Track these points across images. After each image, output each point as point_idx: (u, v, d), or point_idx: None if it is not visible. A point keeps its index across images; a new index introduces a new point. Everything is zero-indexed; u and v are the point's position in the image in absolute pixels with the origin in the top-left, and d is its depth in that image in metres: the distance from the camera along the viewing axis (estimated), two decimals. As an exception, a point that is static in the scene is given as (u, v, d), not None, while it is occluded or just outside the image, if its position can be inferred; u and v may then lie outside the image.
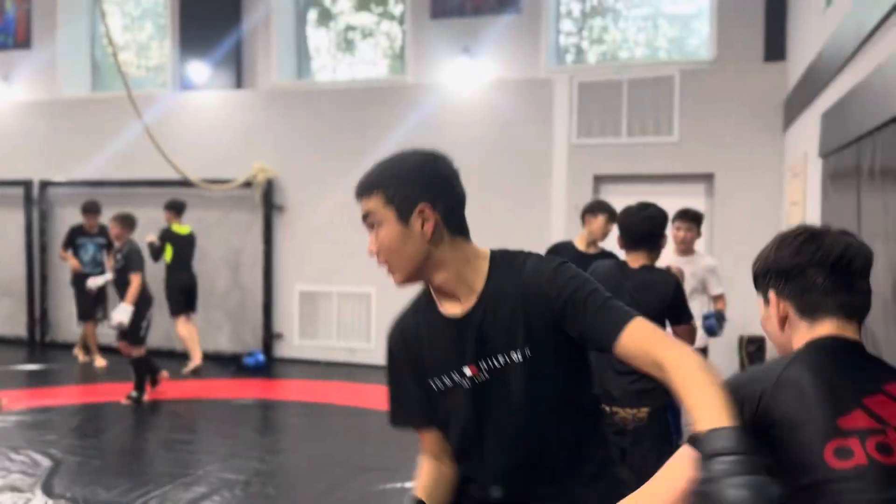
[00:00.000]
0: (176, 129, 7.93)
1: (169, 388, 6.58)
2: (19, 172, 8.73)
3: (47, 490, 4.10)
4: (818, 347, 1.29)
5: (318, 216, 7.82)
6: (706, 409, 1.15)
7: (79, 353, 7.84)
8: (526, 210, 7.16)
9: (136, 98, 6.29)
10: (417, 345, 1.57)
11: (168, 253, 7.09)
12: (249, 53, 8.18)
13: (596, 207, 4.33)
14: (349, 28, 8.73)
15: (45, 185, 8.63)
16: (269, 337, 7.93)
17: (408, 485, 4.24)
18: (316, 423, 5.71)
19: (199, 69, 8.05)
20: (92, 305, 7.46)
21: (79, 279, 7.33)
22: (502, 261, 1.53)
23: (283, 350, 8.01)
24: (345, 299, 7.79)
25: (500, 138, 7.26)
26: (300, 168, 7.92)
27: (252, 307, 7.99)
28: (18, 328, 8.75)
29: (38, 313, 8.73)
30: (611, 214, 4.19)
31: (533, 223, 7.07)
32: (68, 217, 8.57)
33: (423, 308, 1.58)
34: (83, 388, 6.79)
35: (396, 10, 8.30)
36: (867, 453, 1.14)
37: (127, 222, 6.12)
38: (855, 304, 1.34)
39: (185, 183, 7.40)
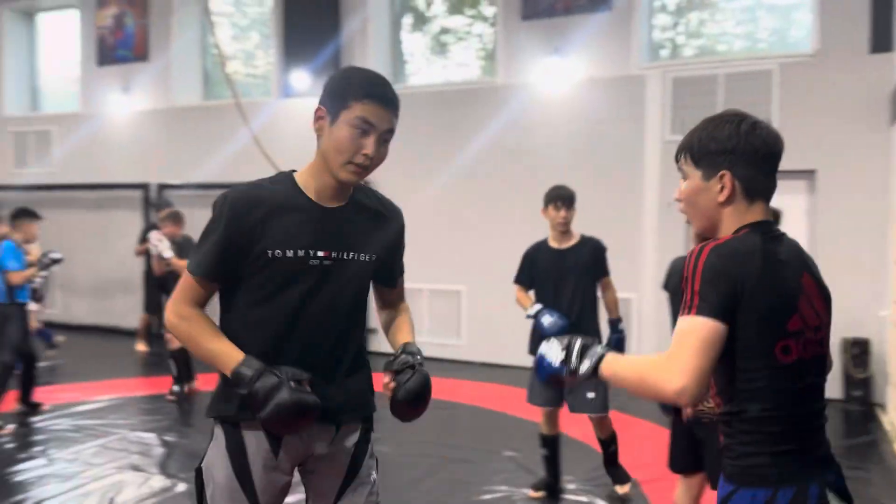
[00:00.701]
0: (280, 135, 8.35)
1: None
2: (138, 176, 9.44)
3: (164, 470, 4.48)
4: (765, 232, 1.53)
5: (411, 215, 8.00)
6: None
7: (140, 345, 8.30)
8: (618, 208, 7.13)
9: (243, 105, 6.67)
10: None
11: None
12: (347, 60, 8.51)
13: None
14: (443, 31, 8.93)
15: (161, 187, 9.28)
16: (365, 331, 8.23)
17: (495, 479, 4.38)
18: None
19: (300, 77, 8.45)
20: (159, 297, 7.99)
21: (150, 273, 7.81)
22: None
23: (377, 344, 8.29)
24: (436, 296, 8.00)
25: (590, 137, 7.27)
26: (395, 169, 8.11)
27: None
28: (136, 321, 9.46)
29: (154, 307, 9.38)
30: None
31: (625, 221, 7.04)
32: (186, 218, 9.19)
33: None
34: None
35: (489, 12, 8.42)
36: (799, 351, 1.49)
37: (178, 219, 6.48)
38: (773, 191, 1.59)
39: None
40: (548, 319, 3.78)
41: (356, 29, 8.40)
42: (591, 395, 3.86)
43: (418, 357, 1.89)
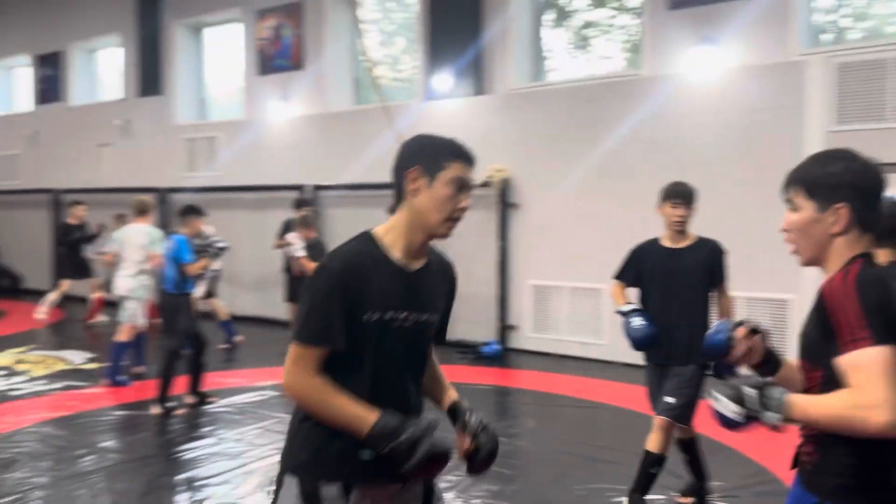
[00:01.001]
0: (422, 135, 8.60)
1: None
2: (294, 178, 10.05)
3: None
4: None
5: (550, 213, 8.04)
6: None
7: None
8: (774, 204, 6.71)
9: (389, 109, 6.93)
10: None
11: None
12: (488, 61, 8.61)
13: None
14: (585, 25, 8.82)
15: (316, 188, 9.82)
16: (504, 328, 8.32)
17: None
18: (548, 413, 5.92)
19: (443, 79, 8.65)
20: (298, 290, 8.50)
21: (288, 267, 8.29)
22: None
23: (518, 341, 8.35)
24: (577, 294, 7.92)
25: (744, 128, 6.90)
26: (533, 167, 8.19)
27: (487, 300, 8.43)
28: (282, 312, 10.08)
29: (295, 298, 9.94)
30: None
31: (783, 218, 6.63)
32: (336, 217, 9.72)
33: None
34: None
35: (634, 3, 8.21)
36: None
37: (308, 223, 6.92)
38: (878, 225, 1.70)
39: (430, 184, 8.01)
40: (637, 322, 3.59)
41: (498, 29, 8.48)
42: (670, 400, 3.67)
43: (481, 415, 2.00)
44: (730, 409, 1.63)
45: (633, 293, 3.90)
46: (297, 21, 10.14)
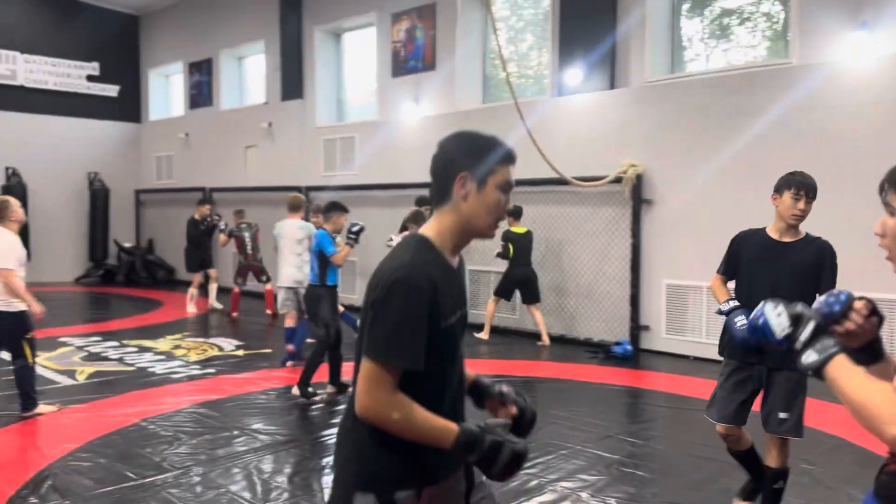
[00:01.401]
0: (553, 132, 8.56)
1: (538, 367, 7.23)
2: (425, 176, 10.25)
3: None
4: None
5: (687, 209, 7.76)
6: None
7: None
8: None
9: (520, 105, 6.94)
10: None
11: (510, 250, 8.23)
12: (623, 54, 8.43)
13: None
14: (724, 13, 8.44)
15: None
16: (637, 328, 8.12)
17: (787, 492, 4.08)
18: (683, 416, 5.73)
19: (574, 74, 8.56)
20: None
21: None
22: None
23: (650, 342, 8.13)
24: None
25: (905, 119, 6.37)
26: (668, 161, 7.93)
27: (619, 299, 8.26)
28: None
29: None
30: None
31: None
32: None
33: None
34: (468, 361, 7.77)
35: (778, -12, 7.76)
36: None
37: (418, 220, 6.72)
38: None
39: (559, 181, 7.97)
40: (741, 321, 3.23)
41: (634, 20, 8.27)
42: (783, 415, 3.38)
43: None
44: (781, 323, 1.52)
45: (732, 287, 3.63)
46: (430, 23, 10.35)
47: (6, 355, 5.45)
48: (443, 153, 1.88)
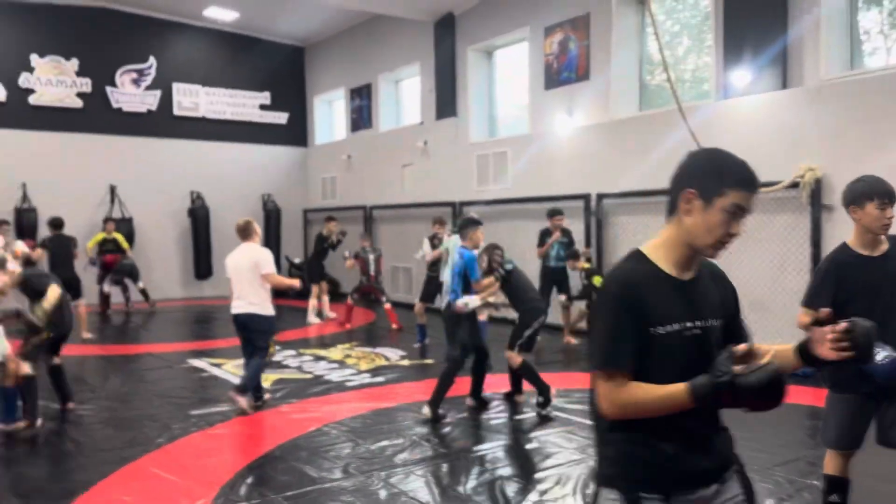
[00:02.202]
0: (717, 137, 8.18)
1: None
2: (579, 188, 10.20)
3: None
4: None
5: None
6: None
7: (568, 337, 9.51)
8: None
9: (683, 110, 6.71)
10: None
11: None
12: (796, 51, 7.94)
13: None
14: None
15: (600, 197, 9.87)
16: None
17: None
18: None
19: (741, 75, 8.17)
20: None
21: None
22: None
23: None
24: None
25: None
26: (850, 164, 7.33)
27: (797, 312, 7.71)
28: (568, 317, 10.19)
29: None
30: None
31: None
32: (620, 224, 9.67)
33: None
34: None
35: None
36: None
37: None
38: None
39: (728, 188, 7.60)
40: (882, 354, 2.83)
41: (808, 15, 7.77)
42: None
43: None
44: None
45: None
46: (584, 33, 10.29)
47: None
48: (683, 165, 1.92)
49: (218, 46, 16.33)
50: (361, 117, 15.49)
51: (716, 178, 1.84)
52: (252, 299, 6.17)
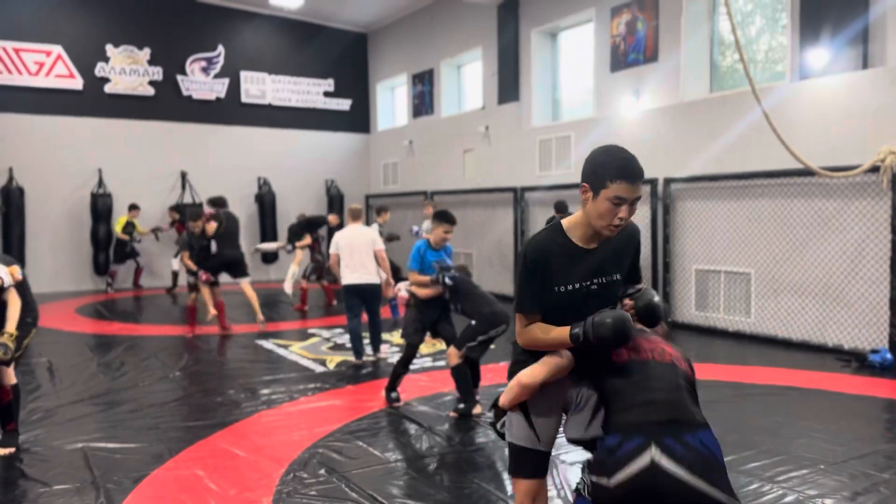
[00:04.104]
0: (792, 119, 7.91)
1: (781, 375, 6.69)
2: (647, 172, 9.96)
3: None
4: None
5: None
6: None
7: None
8: None
9: (757, 91, 6.48)
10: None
11: None
12: (879, 30, 7.56)
13: None
14: None
15: (668, 181, 9.65)
16: (898, 335, 7.24)
17: None
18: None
19: (819, 55, 7.84)
20: None
21: None
22: None
23: None
24: None
25: None
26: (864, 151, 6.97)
27: (877, 302, 7.41)
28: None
29: (661, 295, 9.84)
30: None
31: None
32: (688, 209, 9.45)
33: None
34: (703, 366, 7.39)
35: None
36: None
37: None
38: None
39: (803, 172, 7.34)
40: None
41: (892, -7, 7.39)
42: None
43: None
44: None
45: None
46: (653, 13, 10.03)
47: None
48: (585, 162, 2.38)
49: (283, 34, 16.60)
50: (423, 103, 15.53)
51: (601, 172, 2.28)
52: (371, 269, 7.31)
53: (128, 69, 14.94)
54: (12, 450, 4.77)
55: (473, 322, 5.60)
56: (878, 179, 7.23)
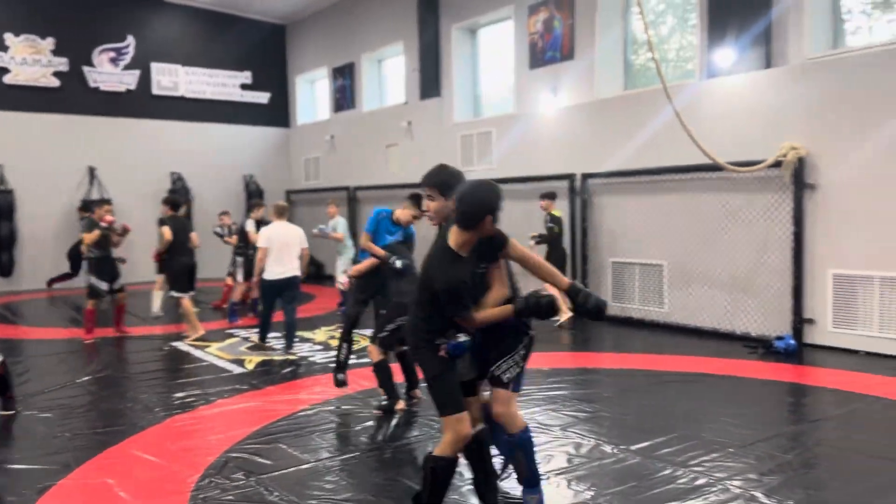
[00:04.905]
0: (701, 116, 8.21)
1: (694, 363, 6.96)
2: (564, 168, 10.18)
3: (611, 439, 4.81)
4: None
5: (855, 194, 7.19)
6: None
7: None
8: None
9: (668, 89, 6.68)
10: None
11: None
12: (780, 30, 7.93)
13: None
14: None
15: (585, 177, 9.86)
16: (800, 322, 7.63)
17: None
18: (858, 415, 5.30)
19: (726, 55, 8.16)
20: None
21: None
22: None
23: (815, 337, 7.61)
24: (890, 286, 7.00)
25: None
26: (833, 143, 7.38)
27: (780, 291, 7.80)
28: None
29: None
30: None
31: None
32: (605, 204, 9.68)
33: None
34: (619, 356, 7.61)
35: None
36: None
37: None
38: None
39: (712, 167, 7.63)
40: None
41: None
42: None
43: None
44: None
45: None
46: (569, 12, 10.22)
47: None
48: None
49: (197, 24, 16.08)
50: (344, 97, 15.35)
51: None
52: (296, 265, 7.77)
53: (30, 59, 14.15)
54: None
55: (383, 311, 5.60)
56: (781, 174, 7.60)
